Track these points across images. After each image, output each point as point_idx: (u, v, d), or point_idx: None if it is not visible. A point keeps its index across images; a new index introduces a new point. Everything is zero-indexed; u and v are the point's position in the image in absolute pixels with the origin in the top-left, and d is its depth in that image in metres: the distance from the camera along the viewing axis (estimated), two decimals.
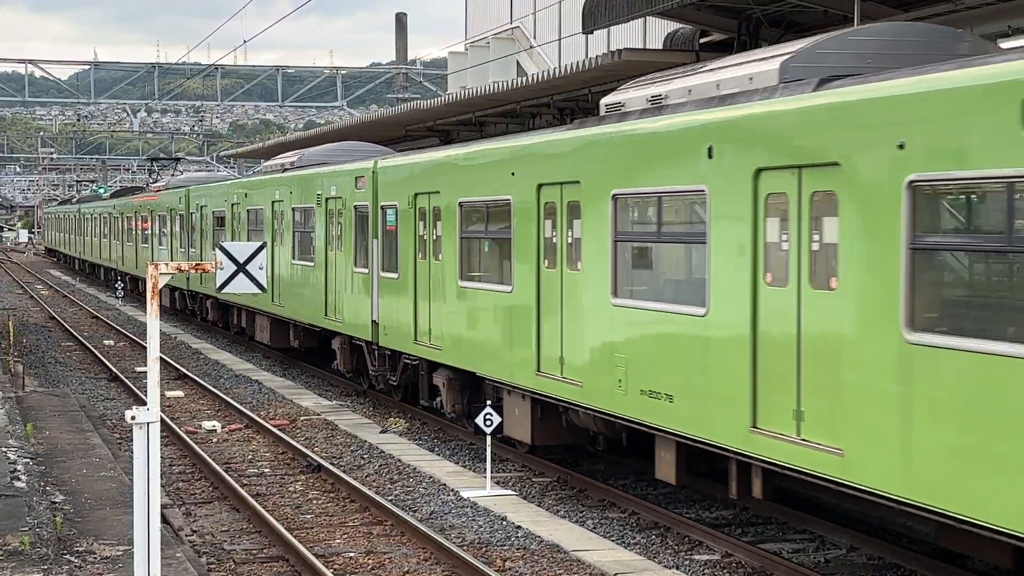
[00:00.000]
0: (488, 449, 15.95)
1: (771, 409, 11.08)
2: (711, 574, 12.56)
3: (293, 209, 26.16)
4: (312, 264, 24.72)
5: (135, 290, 48.05)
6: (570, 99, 24.96)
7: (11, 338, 29.65)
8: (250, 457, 18.26)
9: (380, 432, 19.96)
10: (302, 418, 21.34)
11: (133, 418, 8.49)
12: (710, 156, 11.81)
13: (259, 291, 8.80)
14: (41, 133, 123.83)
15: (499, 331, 16.48)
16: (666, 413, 12.66)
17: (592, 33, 22.65)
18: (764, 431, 11.13)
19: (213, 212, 33.68)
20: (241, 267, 8.79)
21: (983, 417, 8.81)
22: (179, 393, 24.32)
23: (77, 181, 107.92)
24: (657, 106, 13.42)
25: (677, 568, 12.52)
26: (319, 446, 18.85)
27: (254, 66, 57.65)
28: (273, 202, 27.83)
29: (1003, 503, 8.65)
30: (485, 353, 16.97)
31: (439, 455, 18.26)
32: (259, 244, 8.94)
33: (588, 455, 18.55)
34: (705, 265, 11.91)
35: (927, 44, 11.53)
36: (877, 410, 9.77)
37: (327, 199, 23.71)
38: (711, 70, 12.97)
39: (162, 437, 10.90)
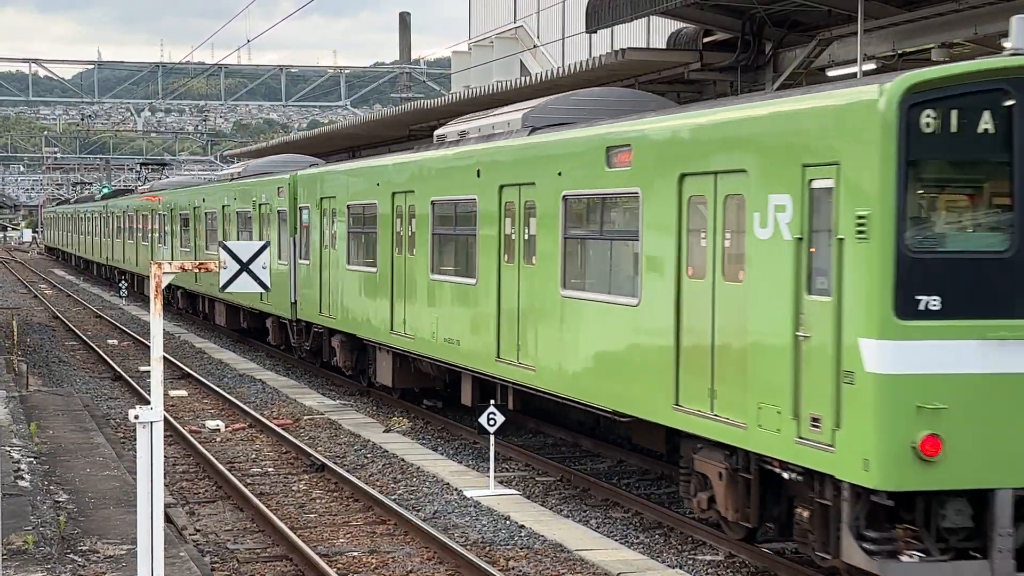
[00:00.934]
0: (491, 449, 15.95)
1: (508, 348, 16.69)
2: (714, 574, 12.55)
3: (236, 212, 31.34)
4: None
5: (120, 277, 51.20)
6: None
7: (15, 337, 29.67)
8: (253, 456, 18.26)
9: (383, 431, 19.96)
10: (305, 417, 21.35)
11: (136, 417, 8.49)
12: (478, 176, 17.41)
13: (262, 290, 8.79)
14: (45, 133, 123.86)
15: (368, 303, 21.88)
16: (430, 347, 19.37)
17: (596, 32, 22.64)
18: (505, 360, 16.78)
19: (180, 214, 38.48)
20: (244, 266, 8.78)
21: (600, 339, 14.07)
22: (183, 392, 24.33)
23: (76, 183, 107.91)
24: (459, 139, 19.02)
25: (681, 568, 12.51)
26: (322, 445, 18.85)
27: (258, 66, 57.76)
28: (223, 206, 32.67)
29: (610, 394, 13.99)
30: (360, 320, 22.38)
31: (442, 454, 18.26)
32: (263, 243, 8.93)
33: (591, 455, 18.55)
34: (476, 250, 17.53)
35: (628, 103, 16.42)
36: (550, 340, 15.34)
37: (259, 204, 29.01)
38: (493, 115, 18.35)
39: (166, 436, 10.89)
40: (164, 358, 9.08)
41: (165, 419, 10.35)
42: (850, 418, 10.04)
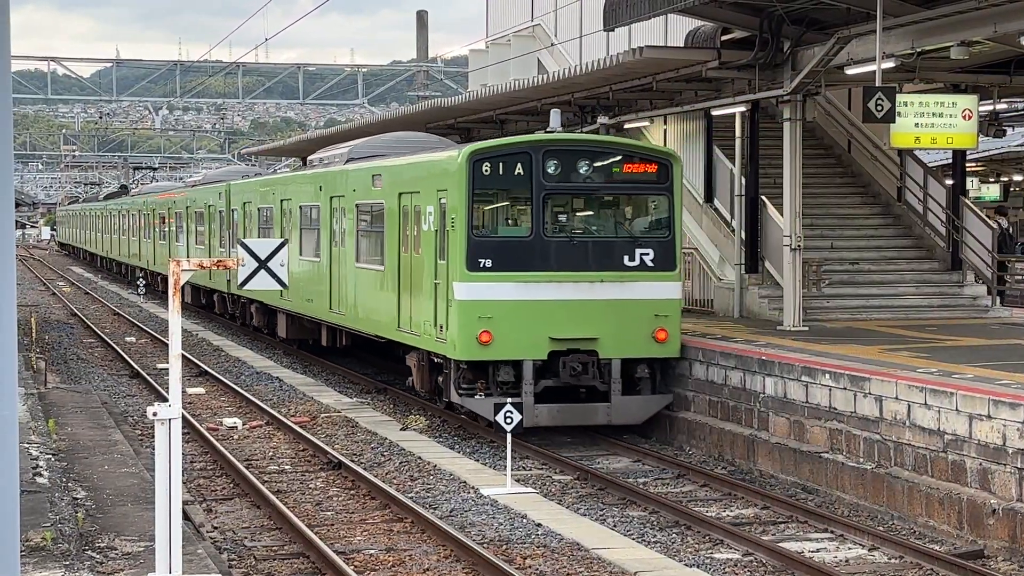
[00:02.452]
0: (508, 447, 15.95)
1: (335, 303, 24.48)
2: (731, 572, 12.53)
3: (196, 212, 39.10)
4: (203, 247, 37.37)
5: (117, 270, 59.53)
6: (591, 96, 24.92)
7: (33, 335, 29.75)
8: (271, 454, 18.29)
9: (400, 429, 19.96)
10: (323, 415, 21.37)
11: (155, 414, 8.51)
12: (320, 190, 25.60)
13: (280, 287, 8.80)
14: (63, 131, 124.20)
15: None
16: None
17: (613, 30, 22.60)
18: (334, 311, 24.55)
19: (165, 211, 44.81)
20: (263, 264, 8.80)
21: (370, 293, 21.79)
22: (200, 390, 24.37)
23: (86, 183, 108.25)
24: (316, 164, 27.42)
25: (698, 567, 12.50)
26: (339, 443, 18.87)
27: (275, 64, 57.86)
28: (186, 207, 40.44)
29: (375, 325, 22.01)
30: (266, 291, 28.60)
31: (459, 453, 18.26)
32: (281, 241, 8.95)
33: (608, 454, 18.53)
34: (320, 240, 25.60)
35: (416, 143, 23.80)
36: (350, 295, 23.10)
37: (208, 205, 37.08)
38: (334, 149, 26.91)
39: (183, 434, 10.90)
40: (182, 355, 9.10)
41: (183, 416, 10.37)
42: (450, 324, 18.47)
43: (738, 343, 18.68)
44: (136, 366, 27.57)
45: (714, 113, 23.27)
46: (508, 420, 15.72)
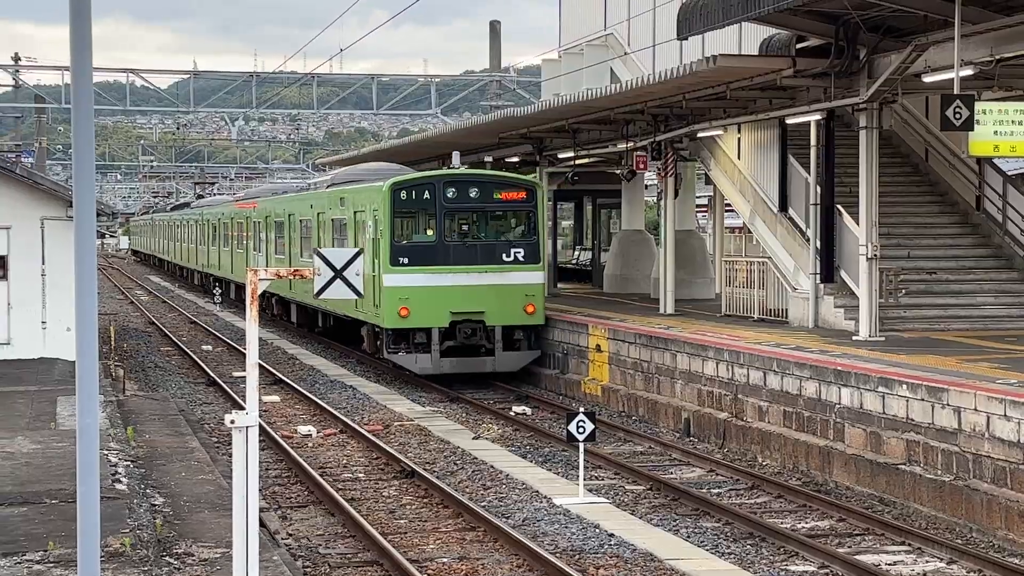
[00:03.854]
0: (581, 457, 15.93)
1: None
2: None
3: (255, 222, 42.51)
4: (262, 255, 42.28)
5: (182, 276, 64.64)
6: (664, 105, 24.84)
7: (112, 343, 30.18)
8: (345, 462, 18.41)
9: (473, 438, 20.02)
10: (396, 423, 21.48)
11: (232, 422, 8.59)
12: (311, 207, 33.19)
13: (356, 296, 8.88)
14: (142, 141, 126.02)
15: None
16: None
17: (687, 39, 22.52)
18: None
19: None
20: (338, 273, 8.87)
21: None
22: (275, 398, 24.59)
23: (166, 194, 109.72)
24: (314, 187, 35.15)
25: None
26: (412, 451, 18.95)
27: (349, 75, 58.12)
28: (246, 217, 44.19)
29: (349, 308, 29.02)
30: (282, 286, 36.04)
31: (531, 462, 18.27)
32: (356, 250, 9.01)
33: (681, 464, 18.46)
34: (308, 245, 32.89)
35: (384, 172, 29.69)
36: None
37: (246, 217, 43.82)
38: (325, 175, 36.51)
39: (259, 441, 10.98)
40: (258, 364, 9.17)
41: (259, 424, 10.45)
42: (381, 304, 25.66)
43: (812, 353, 18.53)
44: (212, 374, 27.88)
45: (789, 121, 23.10)
46: (581, 430, 15.71)
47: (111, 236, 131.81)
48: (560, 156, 32.27)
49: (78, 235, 7.35)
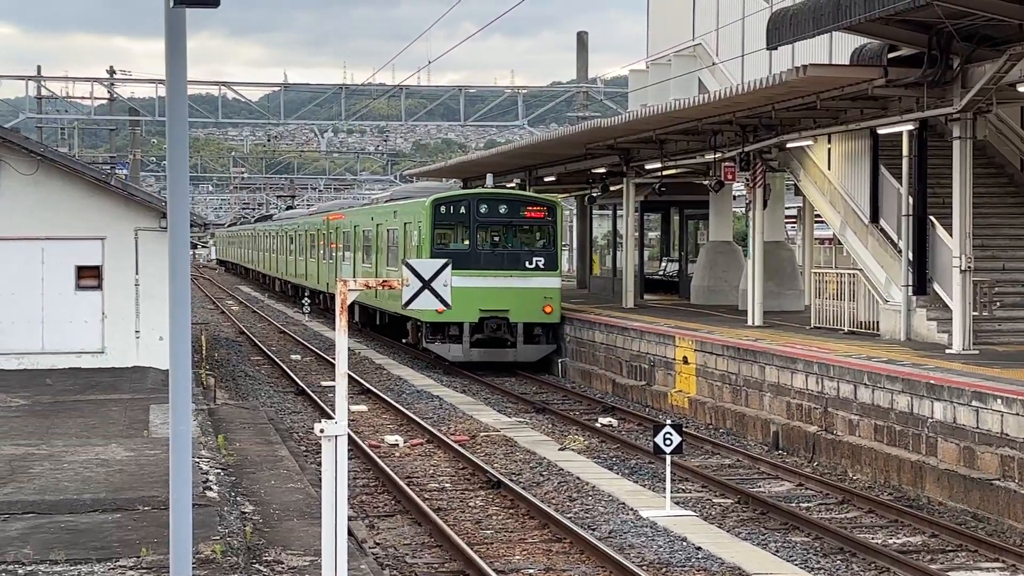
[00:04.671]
0: (667, 469, 15.84)
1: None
2: None
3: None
4: (303, 258, 51.39)
5: (266, 284, 70.00)
6: (753, 115, 24.67)
7: (203, 352, 30.59)
8: (431, 472, 18.48)
9: (559, 449, 19.99)
10: (482, 434, 21.52)
11: (322, 431, 8.67)
12: (372, 219, 37.86)
13: (444, 307, 8.92)
14: (233, 153, 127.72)
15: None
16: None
17: (776, 49, 22.35)
18: (377, 299, 36.46)
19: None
20: (426, 284, 8.91)
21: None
22: (363, 407, 24.76)
23: (257, 205, 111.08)
24: (375, 202, 42.12)
25: None
26: (499, 462, 18.97)
27: (437, 86, 58.50)
28: (287, 231, 53.83)
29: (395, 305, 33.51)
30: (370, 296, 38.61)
31: (618, 473, 18.20)
32: (444, 262, 9.05)
33: (769, 477, 18.28)
34: (369, 250, 37.94)
35: (430, 189, 37.18)
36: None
37: (317, 229, 49.21)
38: (386, 191, 45.79)
39: (347, 450, 11.07)
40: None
41: (347, 434, 10.52)
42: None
43: (904, 366, 18.27)
44: (301, 383, 28.15)
45: (880, 132, 22.82)
46: (668, 442, 15.62)
47: (202, 247, 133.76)
48: (647, 167, 32.17)
49: (172, 246, 7.47)
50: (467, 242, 30.78)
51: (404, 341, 34.20)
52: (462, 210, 30.78)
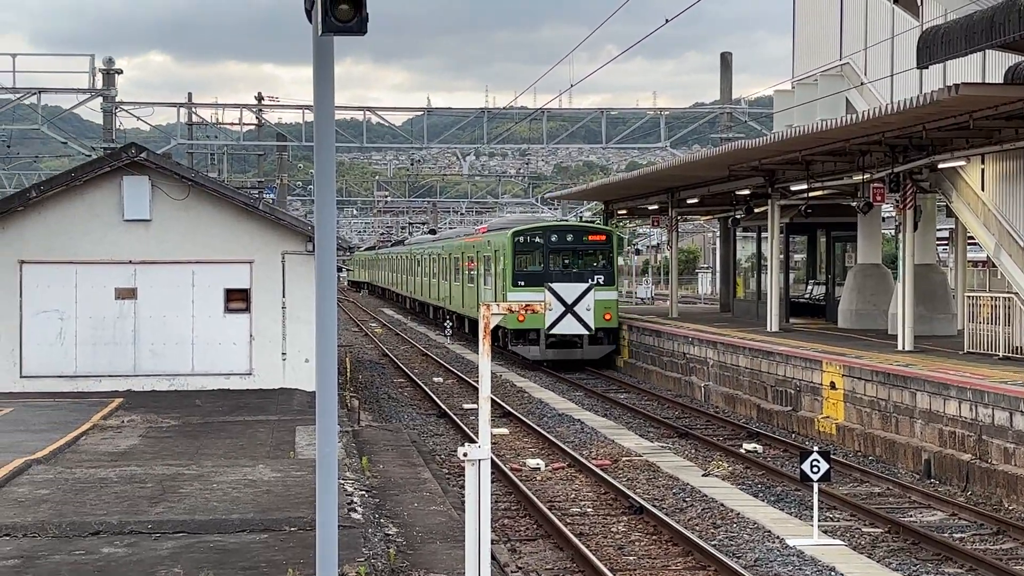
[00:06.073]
0: (815, 496, 15.57)
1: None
2: None
3: (428, 259, 57.49)
4: (430, 280, 59.06)
5: (385, 295, 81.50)
6: (903, 136, 24.20)
7: (348, 374, 31.03)
8: (573, 496, 18.44)
9: (702, 475, 19.80)
10: (623, 459, 21.42)
11: (465, 455, 8.71)
12: (473, 247, 45.54)
13: (586, 332, 8.92)
14: (376, 177, 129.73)
15: (468, 297, 46.34)
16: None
17: (927, 68, 21.89)
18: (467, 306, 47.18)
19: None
20: (569, 308, 8.92)
21: (470, 297, 45.36)
22: (504, 431, 24.85)
23: (395, 228, 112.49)
24: (477, 232, 49.01)
25: None
26: (641, 487, 18.85)
27: (579, 109, 58.52)
28: (411, 255, 64.48)
29: (468, 307, 45.72)
30: (454, 300, 50.09)
31: (763, 501, 17.95)
32: (586, 286, 9.06)
33: (921, 507, 17.85)
34: (475, 274, 44.93)
35: (519, 221, 45.35)
36: (472, 297, 44.29)
37: (438, 253, 56.55)
38: (491, 224, 52.25)
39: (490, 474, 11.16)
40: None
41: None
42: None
43: None
44: (443, 406, 28.36)
45: None
46: (815, 469, 15.36)
47: (348, 270, 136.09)
48: (792, 188, 31.76)
49: (319, 269, 7.59)
50: (541, 265, 38.68)
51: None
52: (537, 239, 39.11)
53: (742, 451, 22.57)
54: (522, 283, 37.93)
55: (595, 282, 35.49)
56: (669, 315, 40.55)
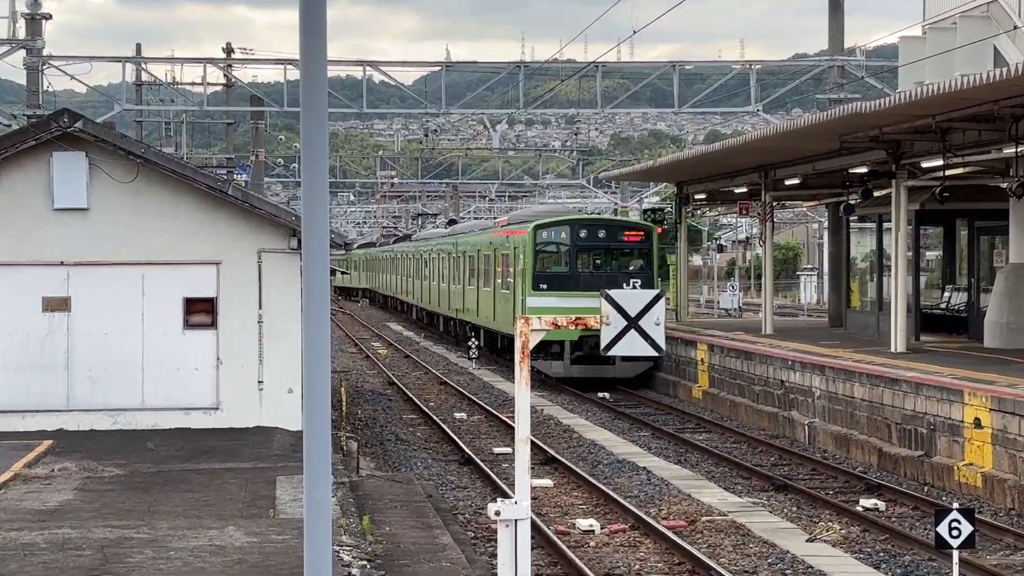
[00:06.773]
0: (955, 569, 15.51)
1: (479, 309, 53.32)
2: None
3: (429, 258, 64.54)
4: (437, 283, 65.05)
5: (375, 300, 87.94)
6: None
7: (343, 409, 31.05)
8: (637, 567, 18.45)
9: (807, 540, 19.77)
10: (704, 518, 21.41)
11: (498, 513, 8.72)
12: (489, 244, 50.43)
13: (656, 353, 8.89)
14: (380, 152, 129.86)
15: (484, 306, 51.78)
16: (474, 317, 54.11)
17: None
18: (472, 312, 54.96)
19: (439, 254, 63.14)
20: (633, 322, 8.89)
21: (487, 303, 50.35)
22: (547, 482, 24.87)
23: (405, 217, 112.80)
24: (496, 226, 55.38)
25: None
26: (726, 556, 18.84)
27: (643, 62, 58.76)
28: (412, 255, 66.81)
29: (489, 320, 50.51)
30: (472, 311, 54.11)
31: (887, 574, 17.89)
32: (656, 292, 9.04)
33: None
34: (483, 272, 51.94)
35: (542, 213, 49.24)
36: (487, 303, 50.47)
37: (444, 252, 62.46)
38: (511, 216, 55.54)
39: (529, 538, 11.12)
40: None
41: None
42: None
43: None
44: (468, 450, 28.40)
45: None
46: (955, 533, 15.28)
47: (343, 273, 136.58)
48: (924, 165, 31.68)
49: (307, 271, 7.59)
50: (567, 265, 42.12)
51: (508, 359, 45.12)
52: (563, 235, 42.30)
53: (859, 509, 22.51)
54: (544, 287, 41.19)
55: (630, 287, 37.55)
56: (762, 331, 40.54)
